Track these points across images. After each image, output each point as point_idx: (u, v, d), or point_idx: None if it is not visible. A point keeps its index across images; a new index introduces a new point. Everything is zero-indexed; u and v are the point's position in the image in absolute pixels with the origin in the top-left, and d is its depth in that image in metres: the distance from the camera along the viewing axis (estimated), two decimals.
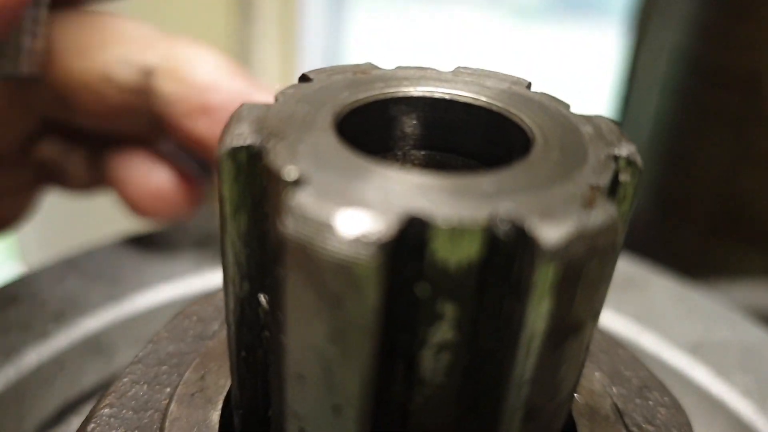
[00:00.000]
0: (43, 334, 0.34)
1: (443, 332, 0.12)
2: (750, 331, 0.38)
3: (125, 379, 0.21)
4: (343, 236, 0.11)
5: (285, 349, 0.13)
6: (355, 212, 0.11)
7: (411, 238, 0.11)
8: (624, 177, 0.14)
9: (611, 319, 0.38)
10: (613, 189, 0.14)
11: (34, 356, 0.33)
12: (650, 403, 0.21)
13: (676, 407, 0.22)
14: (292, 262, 0.12)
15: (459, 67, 0.17)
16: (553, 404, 0.13)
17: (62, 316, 0.36)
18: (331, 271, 0.11)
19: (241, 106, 0.15)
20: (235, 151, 0.13)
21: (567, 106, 0.16)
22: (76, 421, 0.34)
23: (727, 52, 0.77)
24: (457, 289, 0.12)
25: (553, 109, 0.15)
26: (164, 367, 0.21)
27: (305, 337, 0.12)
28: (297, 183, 0.12)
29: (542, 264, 0.11)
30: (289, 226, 0.11)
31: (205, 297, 0.24)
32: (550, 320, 0.12)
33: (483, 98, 0.16)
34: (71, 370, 0.34)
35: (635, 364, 0.23)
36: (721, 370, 0.35)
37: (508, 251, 0.11)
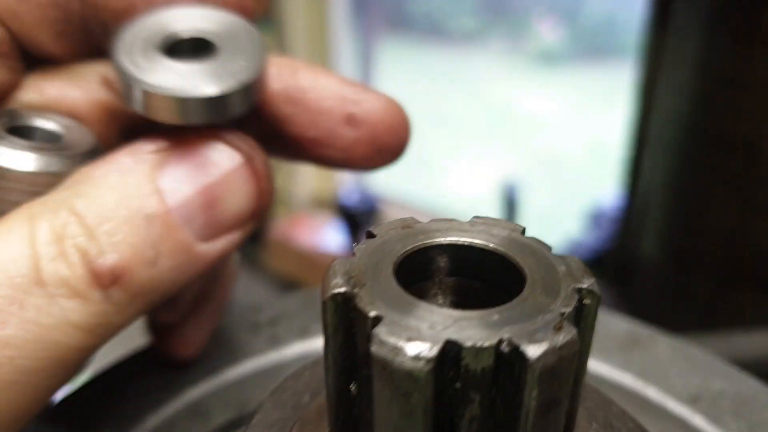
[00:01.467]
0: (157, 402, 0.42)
1: (473, 410, 0.19)
2: (744, 382, 0.44)
3: None
4: (408, 355, 0.18)
5: (372, 422, 0.20)
6: (414, 340, 0.18)
7: (450, 355, 0.18)
8: (587, 301, 0.21)
9: (619, 375, 0.44)
10: (580, 310, 0.21)
11: (152, 421, 0.41)
12: None
13: None
14: (377, 370, 0.19)
15: (474, 218, 0.24)
16: None
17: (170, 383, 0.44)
18: (401, 377, 0.18)
19: (334, 260, 0.22)
20: (334, 296, 0.21)
21: (549, 249, 0.23)
22: None
23: (728, 118, 0.83)
24: (480, 384, 0.19)
25: (539, 251, 0.22)
26: (273, 429, 0.28)
27: (387, 415, 0.19)
28: (376, 319, 0.19)
29: (530, 368, 0.18)
30: (374, 349, 0.19)
31: (294, 375, 0.32)
32: (538, 400, 0.19)
33: (491, 245, 0.23)
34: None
35: (624, 417, 0.29)
36: (717, 417, 0.41)
37: (510, 361, 0.19)
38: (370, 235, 0.24)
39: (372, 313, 0.19)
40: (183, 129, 0.31)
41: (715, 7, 0.75)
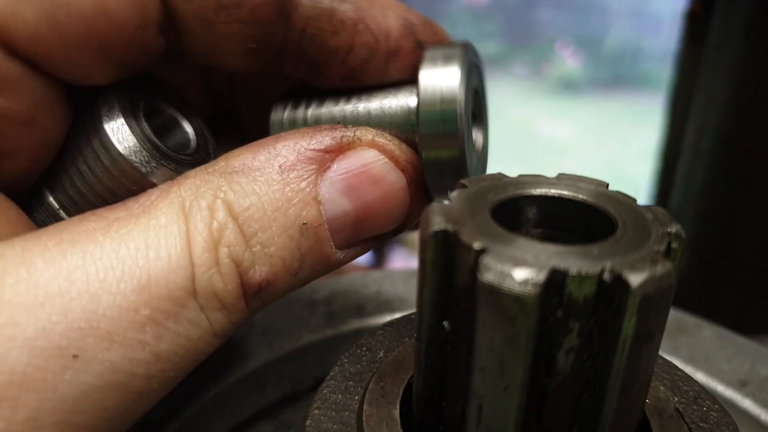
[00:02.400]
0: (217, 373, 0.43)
1: (571, 340, 0.20)
2: None
3: (324, 391, 0.29)
4: (516, 279, 0.19)
5: (473, 351, 0.20)
6: (520, 267, 0.19)
7: (554, 282, 0.19)
8: (674, 244, 0.21)
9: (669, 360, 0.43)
10: (668, 251, 0.21)
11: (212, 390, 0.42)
12: (704, 408, 0.28)
13: (724, 412, 0.28)
14: (483, 297, 0.19)
15: (560, 174, 0.25)
16: (637, 386, 0.21)
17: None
18: (509, 302, 0.19)
19: (431, 205, 0.23)
20: (436, 233, 0.21)
21: (634, 200, 0.23)
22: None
23: (763, 129, 0.83)
24: (581, 313, 0.19)
25: (625, 202, 0.23)
26: (350, 383, 0.29)
27: (489, 342, 0.20)
28: (481, 251, 0.20)
29: (631, 297, 0.19)
30: (482, 275, 0.19)
31: (369, 334, 0.32)
32: (635, 329, 0.19)
33: (580, 195, 0.23)
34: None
35: (690, 381, 0.29)
36: (766, 401, 0.40)
37: (611, 290, 0.19)
38: (462, 186, 0.24)
39: (476, 245, 0.20)
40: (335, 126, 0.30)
41: (752, 18, 0.75)
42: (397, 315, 0.46)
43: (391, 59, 0.30)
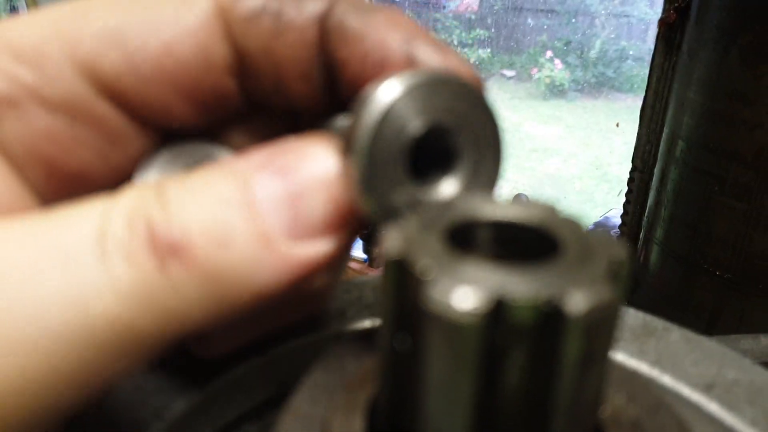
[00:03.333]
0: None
1: (515, 364, 0.20)
2: (757, 372, 0.43)
3: (295, 401, 0.29)
4: (457, 308, 0.18)
5: (423, 372, 0.20)
6: (467, 295, 0.19)
7: (497, 309, 0.19)
8: (618, 267, 0.21)
9: (635, 363, 0.43)
10: (611, 275, 0.21)
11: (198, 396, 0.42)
12: (661, 418, 0.27)
13: (681, 424, 0.27)
14: (428, 323, 0.19)
15: (515, 197, 0.25)
16: (585, 406, 0.20)
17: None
18: (451, 329, 0.19)
19: (389, 229, 0.23)
20: (390, 259, 0.21)
21: (581, 225, 0.23)
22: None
23: (736, 133, 0.83)
24: (524, 338, 0.19)
25: (574, 226, 0.23)
26: (320, 393, 0.29)
27: (436, 365, 0.20)
28: (428, 279, 0.20)
29: (573, 323, 0.18)
30: (427, 304, 0.19)
31: (342, 342, 0.32)
32: (578, 354, 0.19)
33: (529, 220, 0.23)
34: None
35: (648, 389, 0.29)
36: (732, 404, 0.40)
37: (554, 314, 0.19)
38: (419, 209, 0.24)
39: (422, 272, 0.20)
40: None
41: (723, 25, 0.75)
42: (378, 321, 0.45)
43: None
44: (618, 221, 1.29)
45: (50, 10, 0.29)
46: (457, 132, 0.26)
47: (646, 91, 0.93)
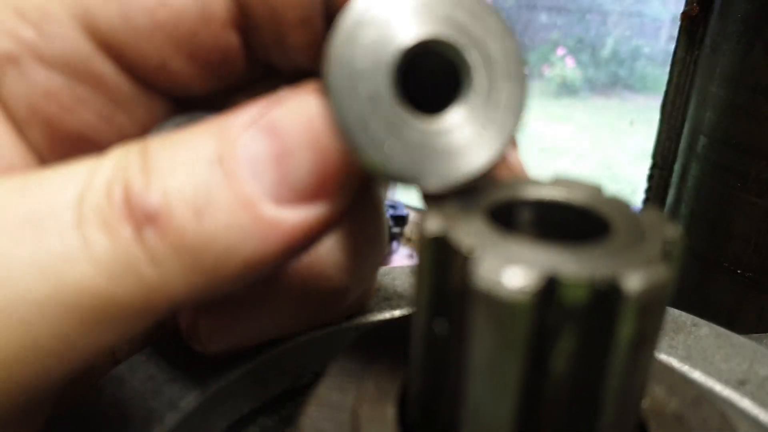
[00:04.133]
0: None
1: (565, 345, 0.19)
2: None
3: (320, 389, 0.28)
4: (509, 288, 0.18)
5: (466, 355, 0.19)
6: (513, 272, 0.18)
7: (547, 288, 0.18)
8: (671, 248, 0.20)
9: (665, 359, 0.42)
10: (665, 255, 0.20)
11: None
12: (703, 411, 0.27)
13: (724, 417, 0.27)
14: (476, 303, 0.18)
15: (557, 177, 0.24)
16: (634, 391, 0.20)
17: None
18: (501, 308, 0.18)
19: (428, 209, 0.22)
20: (430, 237, 0.20)
21: (629, 205, 0.22)
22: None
23: (757, 128, 0.82)
24: (575, 319, 0.18)
25: (621, 206, 0.22)
26: (347, 381, 0.28)
27: (482, 347, 0.19)
28: (475, 257, 0.19)
29: (626, 302, 0.18)
30: (473, 281, 0.18)
31: (368, 331, 0.31)
32: (631, 334, 0.18)
33: (575, 199, 0.22)
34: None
35: (689, 384, 0.28)
36: (765, 401, 0.39)
37: (605, 295, 0.18)
38: (458, 190, 0.23)
39: (468, 250, 0.19)
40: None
41: (747, 19, 0.74)
42: (397, 312, 0.44)
43: None
44: None
45: None
46: (462, 49, 0.21)
47: (667, 86, 0.91)
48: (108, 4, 0.27)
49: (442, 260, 0.20)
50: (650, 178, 0.98)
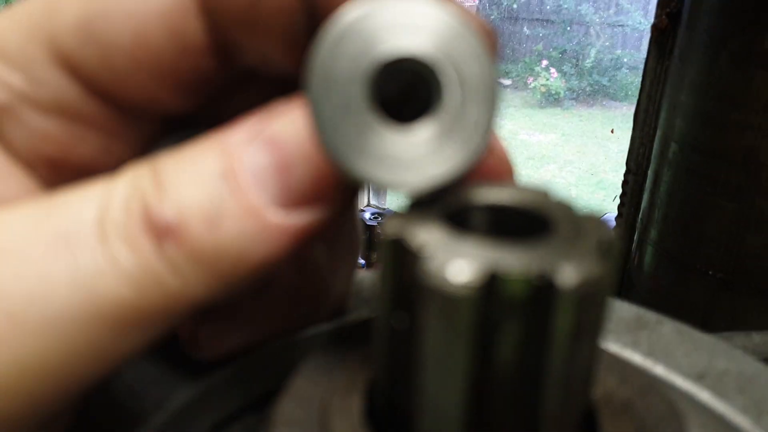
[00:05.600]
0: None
1: (509, 337, 0.20)
2: (747, 362, 0.44)
3: (295, 383, 0.29)
4: (454, 283, 0.19)
5: (419, 348, 0.21)
6: (462, 269, 0.19)
7: (491, 283, 0.19)
8: (608, 248, 0.21)
9: (629, 354, 0.44)
10: (601, 253, 0.21)
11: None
12: (651, 399, 0.28)
13: (671, 404, 0.28)
14: (425, 297, 0.20)
15: (504, 184, 0.25)
16: (577, 381, 0.21)
17: None
18: (447, 302, 0.19)
19: (387, 216, 0.23)
20: (388, 239, 0.22)
21: (573, 208, 0.23)
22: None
23: (727, 135, 0.84)
24: (517, 311, 0.20)
25: (565, 209, 0.23)
26: (319, 375, 0.29)
27: (432, 340, 0.20)
28: (425, 255, 0.20)
29: (564, 295, 0.19)
30: (424, 279, 0.19)
31: (345, 327, 0.32)
32: (570, 327, 0.19)
33: (522, 203, 0.24)
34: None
35: (640, 374, 0.29)
36: (722, 393, 0.41)
37: (546, 289, 0.19)
38: (417, 197, 0.25)
39: (419, 249, 0.20)
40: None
41: (714, 31, 0.76)
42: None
43: None
44: (613, 224, 1.30)
45: (25, 4, 0.29)
46: (438, 69, 0.22)
47: (640, 95, 0.93)
48: (87, 48, 0.28)
49: (399, 260, 0.22)
50: (625, 183, 1.00)
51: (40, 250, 0.24)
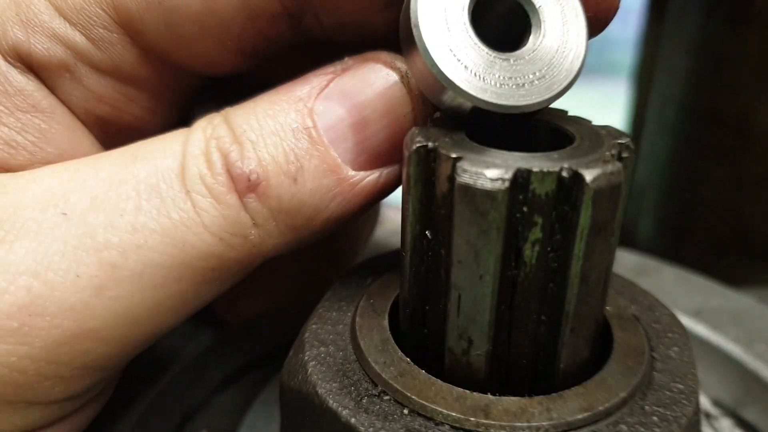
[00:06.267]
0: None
1: (535, 233, 0.22)
2: (739, 299, 0.47)
3: (320, 310, 0.31)
4: (487, 177, 0.21)
5: (451, 249, 0.23)
6: (491, 168, 0.21)
7: (520, 179, 0.21)
8: (624, 152, 0.23)
9: None
10: (619, 158, 0.23)
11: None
12: (656, 314, 0.30)
13: (673, 316, 0.30)
14: (460, 197, 0.22)
15: None
16: (596, 275, 0.23)
17: None
18: (482, 198, 0.21)
19: (411, 129, 0.25)
20: (418, 149, 0.23)
21: (590, 121, 0.25)
22: None
23: (722, 96, 0.85)
24: (543, 207, 0.22)
25: (583, 122, 0.25)
26: (343, 303, 0.31)
27: (465, 238, 0.22)
28: (458, 158, 0.22)
29: (586, 190, 0.21)
30: (459, 177, 0.21)
31: (360, 265, 0.34)
32: (591, 221, 0.21)
33: (543, 118, 0.26)
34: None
35: (646, 294, 0.32)
36: (717, 325, 0.44)
37: (569, 185, 0.21)
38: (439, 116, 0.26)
39: (453, 154, 0.22)
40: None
41: None
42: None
43: None
44: None
45: None
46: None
47: (636, 61, 0.95)
48: (151, 12, 0.28)
49: (428, 171, 0.24)
50: None
51: (130, 201, 0.25)
